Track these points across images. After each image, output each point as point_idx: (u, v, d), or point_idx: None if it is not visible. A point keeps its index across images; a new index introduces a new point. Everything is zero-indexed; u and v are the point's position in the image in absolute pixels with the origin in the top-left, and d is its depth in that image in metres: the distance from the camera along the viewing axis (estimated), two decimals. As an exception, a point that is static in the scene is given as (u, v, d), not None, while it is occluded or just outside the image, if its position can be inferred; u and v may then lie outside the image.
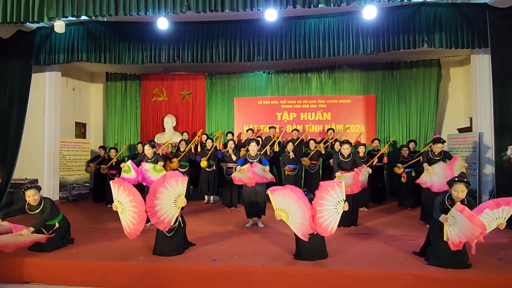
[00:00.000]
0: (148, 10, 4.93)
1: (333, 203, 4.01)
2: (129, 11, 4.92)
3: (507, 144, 5.67)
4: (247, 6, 4.85)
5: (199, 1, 4.86)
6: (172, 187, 4.21)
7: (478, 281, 3.67)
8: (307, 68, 9.37)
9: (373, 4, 5.25)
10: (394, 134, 9.00)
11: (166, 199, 4.20)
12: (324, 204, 4.00)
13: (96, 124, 10.49)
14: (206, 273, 3.97)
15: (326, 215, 4.00)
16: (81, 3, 4.91)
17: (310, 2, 4.74)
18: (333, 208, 4.01)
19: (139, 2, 4.89)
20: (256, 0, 4.81)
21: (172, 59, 6.89)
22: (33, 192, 4.53)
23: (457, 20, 6.33)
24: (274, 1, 4.81)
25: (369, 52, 6.48)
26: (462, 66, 9.05)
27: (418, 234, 5.22)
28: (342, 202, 4.03)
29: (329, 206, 4.00)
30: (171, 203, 4.24)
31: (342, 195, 4.02)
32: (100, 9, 4.91)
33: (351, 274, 3.83)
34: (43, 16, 4.97)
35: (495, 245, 4.80)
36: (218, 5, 4.85)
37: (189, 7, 4.87)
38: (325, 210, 4.00)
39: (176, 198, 4.25)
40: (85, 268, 4.15)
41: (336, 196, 4.01)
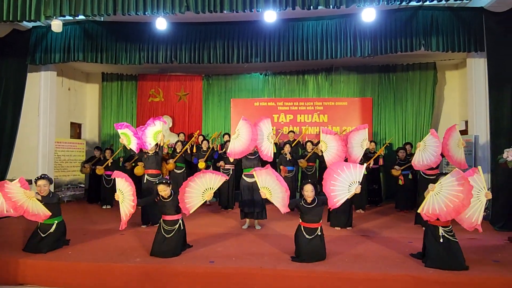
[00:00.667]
0: (146, 10, 4.90)
1: (347, 181, 4.10)
2: (128, 11, 4.89)
3: (503, 147, 5.69)
4: (246, 7, 4.85)
5: (198, 1, 4.84)
6: (207, 179, 4.52)
7: (476, 283, 3.68)
8: (304, 70, 9.39)
9: (372, 7, 5.26)
10: (390, 137, 9.04)
11: (197, 187, 4.51)
12: (339, 179, 4.11)
13: (91, 125, 10.42)
14: (203, 275, 3.94)
15: (337, 189, 4.11)
16: (79, 2, 4.87)
17: (310, 3, 4.75)
18: (346, 186, 4.10)
19: (137, 2, 4.86)
20: (256, 1, 4.82)
21: (169, 60, 6.86)
22: (43, 182, 4.59)
23: (453, 23, 6.38)
24: (273, 2, 4.82)
25: (366, 55, 6.51)
26: (458, 70, 9.12)
27: (415, 236, 5.24)
28: (357, 184, 4.09)
29: (342, 182, 4.11)
30: (199, 193, 4.52)
31: (359, 177, 4.09)
32: (98, 9, 4.87)
33: (349, 276, 3.82)
34: (40, 15, 4.91)
35: (491, 247, 4.84)
36: (217, 6, 4.84)
37: (188, 8, 4.85)
38: (338, 184, 4.11)
39: (205, 190, 4.52)
40: (80, 269, 4.10)
41: (352, 176, 4.10)
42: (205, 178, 4.54)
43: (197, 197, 4.54)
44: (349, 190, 4.10)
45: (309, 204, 4.41)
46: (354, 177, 4.10)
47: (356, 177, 4.10)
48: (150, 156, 6.15)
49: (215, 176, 4.57)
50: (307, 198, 4.41)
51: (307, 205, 4.41)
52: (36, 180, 4.65)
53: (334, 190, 4.12)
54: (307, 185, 4.44)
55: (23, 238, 5.13)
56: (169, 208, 4.54)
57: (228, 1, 4.82)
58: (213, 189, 4.56)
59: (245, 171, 5.92)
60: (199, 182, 4.53)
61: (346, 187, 4.10)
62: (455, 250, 4.04)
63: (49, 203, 4.59)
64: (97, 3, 4.87)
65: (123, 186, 4.47)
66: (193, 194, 4.53)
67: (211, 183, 4.56)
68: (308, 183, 4.47)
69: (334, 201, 4.15)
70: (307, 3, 4.77)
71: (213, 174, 4.58)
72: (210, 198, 4.59)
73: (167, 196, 4.54)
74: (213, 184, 4.56)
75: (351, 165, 4.17)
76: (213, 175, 4.57)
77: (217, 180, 4.57)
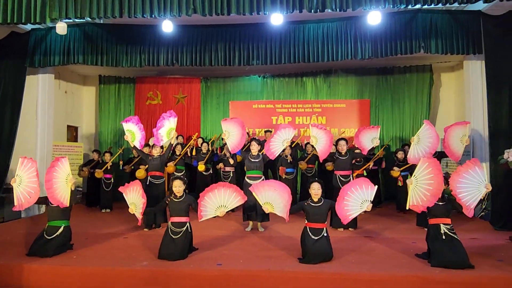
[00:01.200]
0: (153, 13, 4.88)
1: (360, 199, 4.30)
2: (134, 13, 4.86)
3: (502, 148, 5.77)
4: (254, 10, 4.85)
5: (205, 4, 4.84)
6: (226, 195, 4.56)
7: (483, 283, 3.73)
8: (303, 73, 9.42)
9: (378, 10, 5.31)
10: (388, 138, 9.11)
11: (214, 200, 4.55)
12: (353, 197, 4.31)
13: (88, 128, 10.33)
14: (211, 278, 3.94)
15: (350, 205, 4.31)
16: (85, 5, 4.83)
17: (317, 6, 4.78)
18: (358, 203, 4.30)
19: (144, 4, 4.84)
20: (263, 4, 4.82)
21: (170, 62, 6.84)
22: None
23: (452, 27, 6.46)
24: (280, 5, 4.84)
25: (367, 57, 6.56)
26: (453, 72, 9.23)
27: (417, 236, 5.29)
28: (368, 202, 4.27)
29: (355, 200, 4.31)
30: (214, 206, 4.55)
31: (370, 196, 4.28)
32: (104, 11, 4.84)
33: (357, 277, 3.85)
34: (45, 17, 4.86)
35: (493, 247, 4.90)
36: (225, 9, 4.84)
37: (195, 10, 4.84)
38: (351, 201, 4.32)
39: (220, 206, 4.55)
40: (87, 274, 4.07)
41: (364, 195, 4.29)
42: (225, 193, 4.56)
43: (210, 209, 4.56)
44: (361, 207, 4.30)
45: (315, 203, 4.45)
46: (366, 196, 4.30)
47: (368, 196, 4.29)
48: (154, 158, 6.15)
49: (234, 196, 4.57)
50: (314, 196, 4.46)
51: (313, 204, 4.45)
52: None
53: (347, 205, 4.32)
54: (314, 183, 4.49)
55: (24, 242, 5.08)
56: (179, 209, 4.55)
57: (235, 4, 4.82)
58: (227, 208, 4.56)
59: (248, 173, 5.93)
60: (218, 195, 4.55)
61: (359, 204, 4.30)
62: (458, 247, 4.11)
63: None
64: (103, 5, 4.84)
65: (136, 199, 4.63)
66: (209, 205, 4.56)
67: (227, 202, 4.57)
68: (315, 181, 4.53)
69: (347, 215, 4.33)
70: (314, 6, 4.79)
71: (234, 193, 4.57)
72: (221, 215, 4.57)
73: (179, 196, 4.55)
74: (229, 203, 4.57)
75: (363, 184, 4.32)
76: (233, 194, 4.57)
77: (234, 201, 4.58)
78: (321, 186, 4.52)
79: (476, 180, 4.22)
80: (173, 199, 4.62)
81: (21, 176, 4.59)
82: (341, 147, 5.99)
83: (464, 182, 4.23)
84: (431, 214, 4.35)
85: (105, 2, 4.84)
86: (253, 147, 5.90)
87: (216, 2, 4.85)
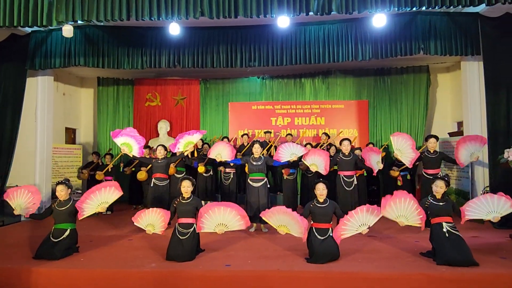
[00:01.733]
0: (161, 15, 4.89)
1: (359, 222, 4.37)
2: (142, 16, 4.87)
3: (500, 147, 5.90)
4: (261, 13, 4.89)
5: (212, 7, 4.86)
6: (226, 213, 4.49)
7: (488, 280, 3.80)
8: (301, 74, 9.49)
9: (383, 12, 5.39)
10: (386, 138, 9.19)
11: (215, 216, 4.50)
12: (351, 220, 4.38)
13: (86, 130, 10.28)
14: (221, 279, 3.96)
15: (348, 227, 4.38)
16: (92, 8, 4.82)
17: (323, 9, 4.83)
18: (357, 225, 4.37)
19: (151, 7, 4.84)
20: (270, 7, 4.86)
21: (172, 64, 6.85)
22: (61, 187, 4.71)
23: (450, 28, 6.57)
24: (287, 8, 4.88)
25: (367, 59, 6.64)
26: (449, 72, 9.36)
27: (419, 235, 5.37)
28: (365, 227, 4.34)
29: (354, 222, 4.38)
30: (214, 223, 4.50)
31: (371, 221, 4.37)
32: (111, 14, 4.83)
33: (365, 276, 3.90)
34: (52, 20, 4.84)
35: (495, 245, 5.00)
36: (232, 12, 4.87)
37: (203, 13, 4.86)
38: (350, 224, 4.38)
39: (219, 224, 4.49)
40: (96, 276, 4.07)
41: (365, 219, 4.38)
42: (230, 214, 4.50)
43: (210, 224, 4.51)
44: (357, 229, 4.36)
45: (321, 203, 4.51)
46: (367, 221, 4.37)
47: (370, 221, 4.36)
48: (159, 160, 6.18)
49: (238, 219, 4.51)
50: (319, 196, 4.51)
51: (319, 205, 4.51)
52: (56, 185, 4.78)
53: (345, 224, 4.38)
54: (319, 184, 4.55)
55: (29, 245, 5.07)
56: (187, 210, 4.57)
57: (243, 6, 4.85)
58: (227, 228, 4.52)
59: (251, 175, 5.96)
60: (222, 212, 4.49)
61: (356, 226, 4.36)
62: (462, 244, 4.20)
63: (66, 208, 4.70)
64: (110, 8, 4.83)
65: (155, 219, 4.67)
66: (210, 219, 4.51)
67: (229, 222, 4.51)
68: (320, 181, 4.58)
69: (340, 234, 4.37)
70: (320, 9, 4.84)
71: (238, 216, 4.52)
72: (220, 233, 4.50)
73: (187, 197, 4.57)
74: (230, 224, 4.52)
75: (370, 209, 4.40)
76: (237, 217, 4.51)
77: (236, 224, 4.52)
78: (326, 186, 4.58)
79: (489, 208, 4.39)
80: (181, 200, 4.64)
81: (19, 204, 4.86)
82: (344, 147, 6.07)
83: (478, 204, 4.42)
84: (433, 214, 4.44)
85: (112, 5, 4.84)
86: (256, 149, 5.94)
87: (223, 5, 4.88)
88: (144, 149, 7.98)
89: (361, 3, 4.89)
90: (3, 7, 4.95)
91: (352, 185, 6.22)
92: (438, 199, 4.46)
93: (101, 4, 4.86)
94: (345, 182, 6.00)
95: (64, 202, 4.74)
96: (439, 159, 6.15)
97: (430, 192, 4.85)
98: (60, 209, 4.70)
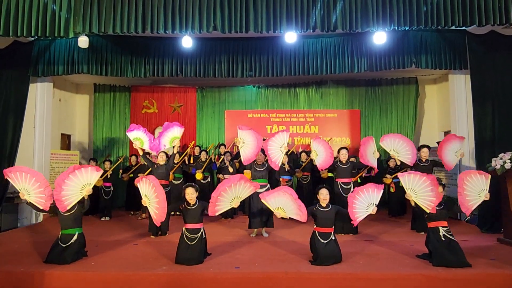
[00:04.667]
0: (175, 29, 5.08)
1: (366, 202, 4.63)
2: (157, 29, 5.05)
3: (487, 156, 6.27)
4: (270, 29, 5.15)
5: (225, 22, 5.09)
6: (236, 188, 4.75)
7: (481, 280, 4.10)
8: (295, 83, 9.79)
9: (383, 31, 5.74)
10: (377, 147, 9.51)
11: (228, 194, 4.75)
12: (359, 199, 4.64)
13: (80, 136, 10.29)
14: (232, 280, 4.14)
15: (357, 208, 4.63)
16: (109, 20, 4.98)
17: (329, 26, 5.13)
18: (365, 205, 4.63)
19: (166, 21, 5.03)
20: (279, 24, 5.13)
21: (175, 73, 7.04)
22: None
23: (440, 44, 6.99)
24: (295, 25, 5.16)
25: (363, 71, 6.98)
26: (436, 84, 9.81)
27: (414, 239, 5.67)
28: (373, 206, 4.60)
29: (362, 202, 4.63)
30: (229, 199, 4.78)
31: (376, 199, 4.61)
32: (127, 27, 5.00)
33: (367, 277, 4.14)
34: (69, 31, 4.97)
35: (484, 248, 5.32)
36: (243, 27, 5.11)
37: (216, 28, 5.08)
38: (358, 204, 4.63)
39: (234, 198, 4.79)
40: (109, 279, 4.18)
41: (370, 198, 4.63)
42: (239, 186, 4.76)
43: (225, 203, 4.77)
44: (367, 210, 4.63)
45: (324, 208, 4.74)
46: (372, 200, 4.63)
47: (374, 199, 4.62)
48: (160, 166, 6.29)
49: (248, 186, 4.81)
50: (322, 201, 4.74)
51: (322, 209, 4.74)
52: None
53: (355, 208, 4.63)
54: (322, 189, 4.79)
55: (36, 250, 5.13)
56: (193, 216, 4.72)
57: (254, 22, 5.10)
58: (241, 198, 4.81)
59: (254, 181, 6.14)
60: (233, 189, 4.75)
61: (365, 207, 4.62)
62: (457, 248, 4.49)
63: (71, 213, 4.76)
64: (126, 21, 4.99)
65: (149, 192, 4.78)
66: (224, 199, 4.75)
67: (241, 192, 4.80)
68: (324, 187, 4.82)
69: (355, 217, 4.64)
70: (326, 26, 5.15)
71: (247, 183, 4.80)
72: (236, 206, 4.82)
73: (192, 203, 4.73)
74: (243, 193, 4.82)
75: (370, 188, 4.65)
76: (246, 184, 4.79)
77: (248, 191, 4.85)
78: (329, 192, 4.83)
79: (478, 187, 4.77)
80: (187, 206, 4.79)
81: (25, 188, 4.71)
82: (342, 155, 6.33)
83: (468, 186, 4.79)
84: (430, 219, 4.73)
85: (128, 18, 5.01)
86: (259, 156, 6.14)
87: (235, 21, 5.12)
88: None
89: (364, 21, 5.22)
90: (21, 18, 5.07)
91: (349, 191, 6.45)
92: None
93: (118, 17, 5.02)
94: (343, 188, 6.26)
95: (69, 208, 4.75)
96: (431, 167, 6.50)
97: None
98: (65, 214, 4.75)
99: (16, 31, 5.27)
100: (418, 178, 4.62)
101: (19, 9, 5.21)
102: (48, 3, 5.14)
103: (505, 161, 5.42)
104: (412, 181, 4.64)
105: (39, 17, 5.05)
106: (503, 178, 5.55)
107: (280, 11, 5.30)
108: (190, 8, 5.25)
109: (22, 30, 5.05)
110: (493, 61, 6.72)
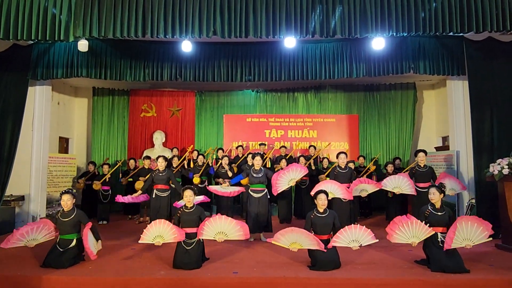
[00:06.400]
0: (175, 34, 5.10)
1: (350, 238, 4.50)
2: (157, 34, 5.07)
3: (485, 162, 6.30)
4: (270, 34, 5.18)
5: (224, 27, 5.11)
6: (227, 223, 4.64)
7: (480, 285, 4.11)
8: (294, 88, 9.82)
9: (382, 36, 5.78)
10: (375, 151, 9.58)
11: (216, 224, 4.65)
12: (344, 234, 4.51)
13: (78, 139, 10.27)
14: (231, 285, 4.13)
15: (339, 241, 4.52)
16: (109, 24, 4.99)
17: (328, 32, 5.16)
18: (348, 239, 4.50)
19: (166, 25, 5.05)
20: (279, 29, 5.16)
21: (174, 77, 7.05)
22: (67, 197, 4.76)
23: (438, 50, 7.03)
24: (295, 30, 5.19)
25: (361, 76, 7.01)
26: (434, 89, 9.86)
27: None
28: (356, 243, 4.48)
29: (345, 238, 4.52)
30: (213, 233, 4.65)
31: (363, 240, 4.49)
32: (128, 31, 5.01)
33: (366, 282, 4.14)
34: (69, 35, 4.98)
35: (482, 253, 5.31)
36: (243, 32, 5.13)
37: (215, 32, 5.11)
38: (341, 238, 4.52)
39: (219, 232, 4.64)
40: (108, 284, 4.17)
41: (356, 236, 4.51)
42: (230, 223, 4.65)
43: (210, 232, 4.66)
44: (348, 244, 4.50)
45: (321, 213, 4.74)
46: (360, 239, 4.49)
47: (362, 240, 4.49)
48: (160, 172, 6.30)
49: (237, 230, 4.65)
50: (320, 206, 4.74)
51: (319, 214, 4.73)
52: (61, 194, 4.82)
53: (338, 237, 4.52)
54: (321, 194, 4.78)
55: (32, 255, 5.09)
56: (190, 220, 4.71)
57: (253, 27, 5.12)
58: (227, 237, 4.66)
59: (252, 186, 6.15)
60: (223, 221, 4.64)
61: (348, 240, 4.50)
62: (454, 253, 4.49)
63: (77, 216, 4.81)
64: (126, 25, 5.00)
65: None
66: (211, 226, 4.66)
67: (229, 231, 4.65)
68: (322, 192, 4.81)
69: (332, 240, 4.57)
70: (325, 31, 5.18)
71: (238, 226, 4.66)
72: (219, 241, 4.67)
73: (190, 207, 4.72)
74: (230, 233, 4.66)
75: (367, 230, 4.52)
76: (237, 227, 4.65)
77: (235, 234, 4.66)
78: (327, 196, 4.83)
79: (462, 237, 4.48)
80: (184, 209, 4.79)
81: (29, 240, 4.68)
82: (341, 160, 6.33)
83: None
84: (431, 224, 4.71)
85: (128, 23, 5.02)
86: (257, 162, 6.14)
87: (235, 26, 5.14)
88: (144, 160, 8.12)
89: (363, 27, 5.26)
90: (22, 21, 5.08)
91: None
92: (437, 208, 4.71)
93: (118, 21, 5.03)
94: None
95: (68, 213, 4.79)
96: (429, 173, 6.51)
97: (421, 205, 5.17)
98: (64, 219, 4.75)
99: (16, 34, 5.28)
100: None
101: (19, 12, 5.22)
102: (49, 6, 5.16)
103: (503, 166, 5.44)
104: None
105: (39, 20, 5.06)
106: (501, 183, 5.57)
107: (280, 16, 5.33)
108: (190, 12, 5.27)
109: (22, 33, 5.06)
110: (490, 67, 6.76)
